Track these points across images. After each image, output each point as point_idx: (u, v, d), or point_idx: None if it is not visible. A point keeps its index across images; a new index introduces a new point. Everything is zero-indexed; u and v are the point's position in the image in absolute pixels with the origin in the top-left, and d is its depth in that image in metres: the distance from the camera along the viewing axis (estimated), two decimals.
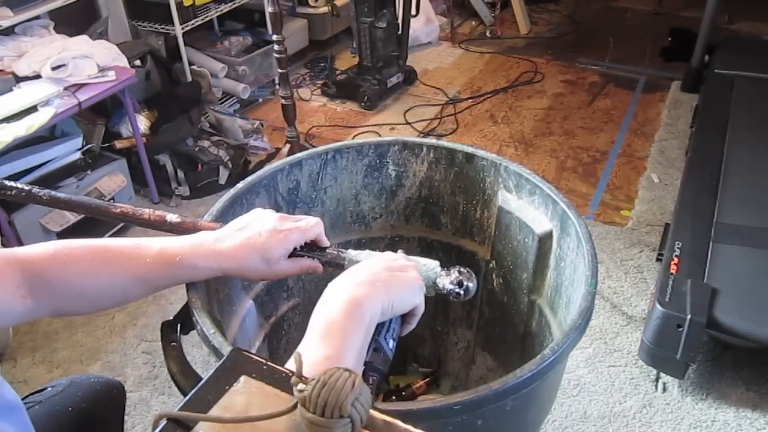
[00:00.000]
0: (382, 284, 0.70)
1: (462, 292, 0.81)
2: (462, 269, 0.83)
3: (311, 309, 1.36)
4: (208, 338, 0.80)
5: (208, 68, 2.73)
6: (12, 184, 0.93)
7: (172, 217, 0.89)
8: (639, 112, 2.96)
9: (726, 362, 1.71)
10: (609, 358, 1.74)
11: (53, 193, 0.93)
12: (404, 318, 0.76)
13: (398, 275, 0.74)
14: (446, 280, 0.81)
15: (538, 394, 0.92)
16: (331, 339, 0.63)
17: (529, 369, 0.76)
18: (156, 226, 0.90)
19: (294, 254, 0.83)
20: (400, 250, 0.84)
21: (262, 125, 2.74)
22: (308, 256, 0.84)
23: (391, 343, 0.72)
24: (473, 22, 3.98)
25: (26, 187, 0.93)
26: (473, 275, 0.83)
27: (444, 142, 1.23)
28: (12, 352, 1.80)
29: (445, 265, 0.84)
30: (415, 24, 3.41)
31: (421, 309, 0.77)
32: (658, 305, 1.54)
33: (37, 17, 2.16)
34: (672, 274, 1.62)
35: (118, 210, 0.91)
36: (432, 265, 0.83)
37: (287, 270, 0.82)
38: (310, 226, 0.83)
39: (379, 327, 0.71)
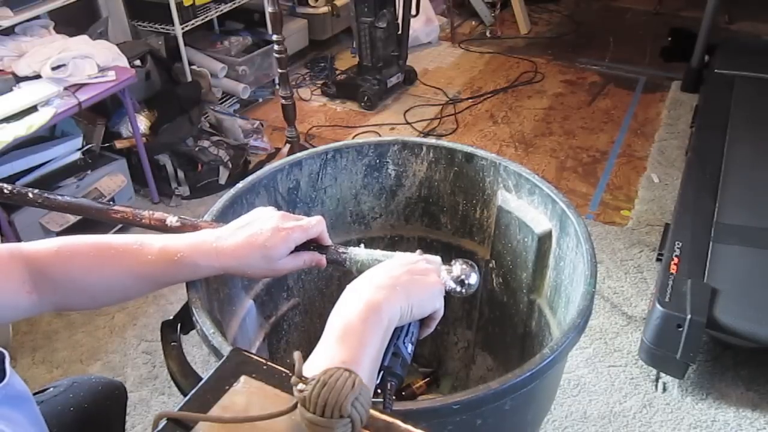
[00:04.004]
0: (402, 288, 0.69)
1: (464, 291, 0.81)
2: (464, 265, 0.82)
3: (311, 309, 1.36)
4: (207, 338, 0.80)
5: (208, 68, 2.73)
6: (9, 187, 0.93)
7: (172, 220, 0.89)
8: (639, 112, 2.96)
9: (726, 362, 1.71)
10: (609, 358, 1.74)
11: (52, 196, 0.93)
12: (423, 321, 0.75)
13: (419, 279, 0.72)
14: (449, 279, 0.81)
15: (537, 393, 0.92)
16: (348, 343, 0.62)
17: (528, 369, 0.76)
18: (156, 229, 0.90)
19: (295, 251, 0.83)
20: (418, 251, 0.82)
21: (262, 125, 2.74)
22: (309, 251, 0.84)
23: (410, 348, 0.71)
24: (473, 22, 3.98)
25: (24, 191, 0.93)
26: (476, 268, 0.83)
27: (443, 142, 1.23)
28: (12, 352, 1.80)
29: (447, 260, 0.84)
30: (415, 24, 3.41)
31: (441, 313, 0.76)
32: (658, 305, 1.54)
33: (37, 17, 2.16)
34: (672, 274, 1.62)
35: (119, 215, 0.90)
36: (434, 263, 0.83)
37: (290, 266, 0.82)
38: (312, 224, 0.83)
39: (398, 331, 0.70)
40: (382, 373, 0.66)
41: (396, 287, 0.69)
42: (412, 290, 0.70)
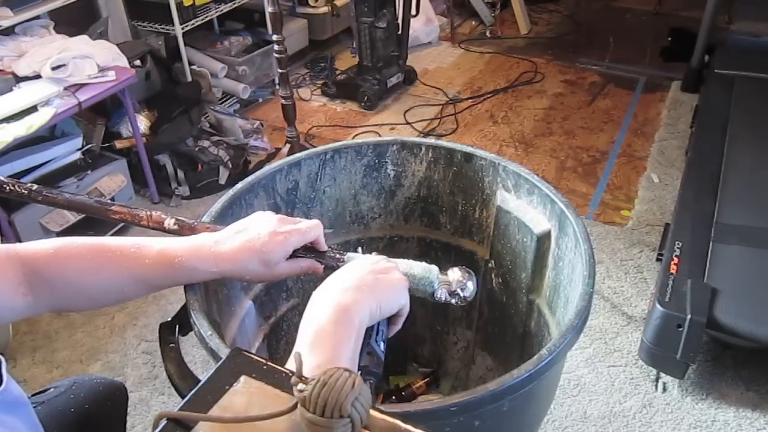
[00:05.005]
0: (368, 288, 0.71)
1: (459, 302, 0.82)
2: (461, 277, 0.83)
3: None
4: (205, 340, 0.80)
5: (208, 68, 2.73)
6: (10, 183, 0.93)
7: (170, 222, 0.89)
8: (639, 112, 2.96)
9: (726, 362, 1.71)
10: (609, 358, 1.74)
11: (51, 193, 0.92)
12: (390, 319, 0.77)
13: (382, 278, 0.74)
14: (444, 292, 0.82)
15: (536, 394, 0.92)
16: (322, 347, 0.62)
17: (526, 369, 0.76)
18: (153, 230, 0.90)
19: (293, 256, 0.83)
20: (374, 252, 0.84)
21: (262, 125, 2.74)
22: (307, 258, 0.84)
23: (382, 345, 0.73)
24: (473, 22, 3.98)
25: (24, 187, 0.93)
26: (473, 276, 0.83)
27: (442, 142, 1.23)
28: (12, 352, 1.80)
29: (444, 268, 0.84)
30: (415, 24, 3.40)
31: (407, 309, 0.77)
32: (658, 305, 1.54)
33: (37, 17, 2.17)
34: (672, 274, 1.62)
35: (117, 215, 0.90)
36: (431, 276, 0.83)
37: (287, 271, 0.82)
38: (309, 228, 0.83)
39: (369, 330, 0.71)
40: (359, 373, 0.67)
41: (362, 288, 0.70)
42: (378, 289, 0.72)
